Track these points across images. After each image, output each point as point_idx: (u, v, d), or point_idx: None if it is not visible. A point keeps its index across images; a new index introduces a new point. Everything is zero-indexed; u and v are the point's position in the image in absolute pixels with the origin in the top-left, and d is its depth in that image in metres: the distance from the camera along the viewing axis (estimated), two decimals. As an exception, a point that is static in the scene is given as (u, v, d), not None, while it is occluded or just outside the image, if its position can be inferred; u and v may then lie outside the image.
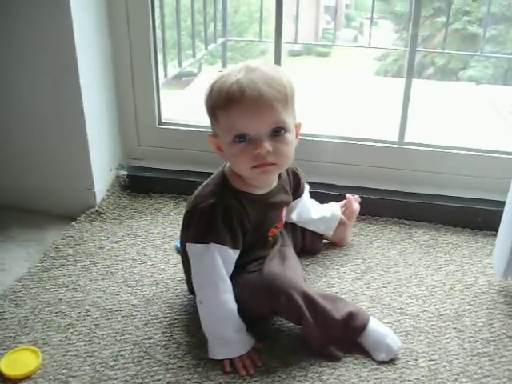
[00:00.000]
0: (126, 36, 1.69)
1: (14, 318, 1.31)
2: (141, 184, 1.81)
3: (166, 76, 2.11)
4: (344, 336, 1.23)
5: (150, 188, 1.81)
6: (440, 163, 1.72)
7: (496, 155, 1.70)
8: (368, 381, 1.17)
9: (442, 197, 1.69)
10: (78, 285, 1.42)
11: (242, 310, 1.23)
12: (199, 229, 1.19)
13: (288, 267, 1.28)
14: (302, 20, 2.42)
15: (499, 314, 1.37)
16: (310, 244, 1.55)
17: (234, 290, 1.23)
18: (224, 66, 2.79)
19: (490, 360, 1.24)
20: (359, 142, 1.76)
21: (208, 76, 2.83)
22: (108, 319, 1.31)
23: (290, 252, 1.39)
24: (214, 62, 2.79)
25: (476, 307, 1.39)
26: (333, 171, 1.76)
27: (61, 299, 1.37)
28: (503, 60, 4.87)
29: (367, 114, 2.59)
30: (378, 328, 1.25)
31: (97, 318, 1.31)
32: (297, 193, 1.41)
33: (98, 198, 1.72)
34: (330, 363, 1.20)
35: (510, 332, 1.31)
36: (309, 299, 1.20)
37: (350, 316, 1.23)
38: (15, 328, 1.28)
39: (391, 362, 1.21)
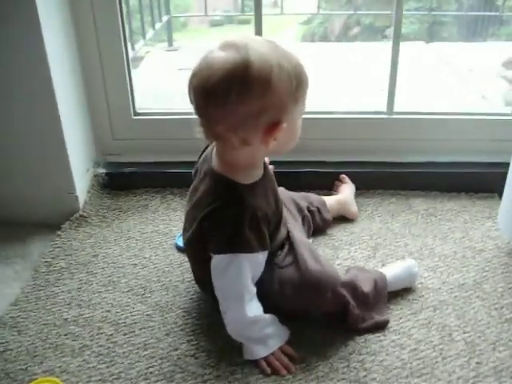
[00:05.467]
0: (92, 26, 1.55)
1: (20, 347, 1.18)
2: (121, 181, 1.68)
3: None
4: (377, 301, 1.25)
5: (131, 184, 1.69)
6: (428, 130, 1.70)
7: (483, 117, 1.70)
8: (411, 362, 1.15)
9: (434, 164, 1.67)
10: (82, 300, 1.30)
11: (281, 307, 1.19)
12: (224, 239, 1.10)
13: (322, 259, 1.23)
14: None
15: (515, 277, 1.38)
16: (320, 220, 1.50)
17: (269, 286, 1.18)
18: (170, 44, 2.66)
19: (520, 325, 1.24)
20: (345, 116, 1.71)
21: (157, 57, 2.68)
22: (125, 334, 1.21)
23: (307, 239, 1.35)
24: (163, 41, 2.67)
25: (492, 273, 1.39)
26: (323, 148, 1.70)
27: (66, 319, 1.25)
28: (428, 15, 4.88)
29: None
30: (394, 273, 1.31)
31: (112, 334, 1.21)
32: None
33: (80, 202, 1.59)
34: (369, 349, 1.17)
35: (530, 294, 1.33)
36: (350, 286, 1.21)
37: (375, 284, 1.26)
38: (25, 358, 1.15)
39: (428, 339, 1.19)
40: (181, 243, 1.42)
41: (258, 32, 1.60)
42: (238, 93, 0.98)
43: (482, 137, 1.68)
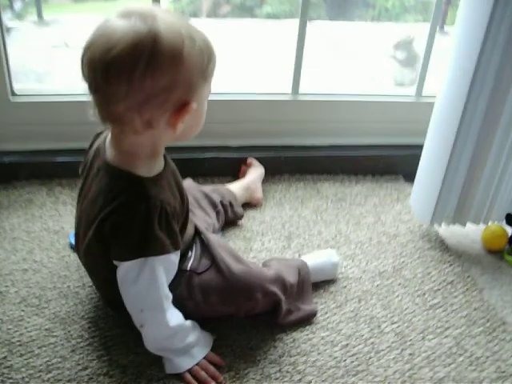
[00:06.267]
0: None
1: None
2: (0, 172, 1.45)
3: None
4: (302, 291, 1.20)
5: (11, 175, 1.46)
6: (333, 112, 1.63)
7: (385, 99, 1.67)
8: (345, 360, 1.09)
9: (339, 147, 1.63)
10: (-37, 317, 1.10)
11: (204, 316, 1.08)
12: (132, 242, 0.94)
13: (242, 259, 1.13)
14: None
15: (431, 261, 1.37)
16: (231, 214, 1.39)
17: (189, 296, 1.06)
18: (40, 17, 2.38)
19: (443, 311, 1.22)
20: (247, 98, 1.59)
21: (27, 32, 2.39)
22: (21, 355, 1.02)
23: (221, 238, 1.24)
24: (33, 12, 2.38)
25: (409, 258, 1.37)
26: (224, 132, 1.58)
27: None
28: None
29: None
30: (315, 262, 1.25)
31: (5, 357, 1.02)
32: None
33: (-50, 199, 1.34)
34: (299, 350, 1.09)
35: (449, 277, 1.32)
36: (278, 281, 1.13)
37: (299, 273, 1.20)
38: None
39: (358, 334, 1.14)
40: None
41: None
42: (145, 66, 0.83)
43: (385, 118, 1.65)
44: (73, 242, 1.27)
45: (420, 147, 1.44)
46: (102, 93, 0.87)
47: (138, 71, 0.83)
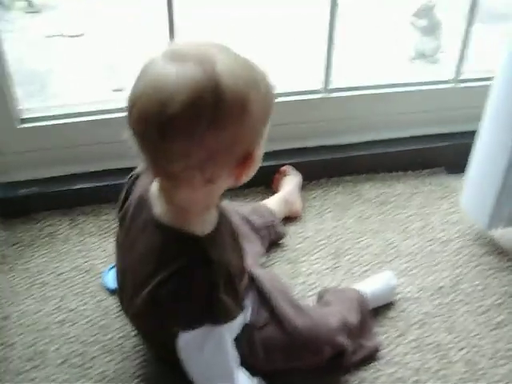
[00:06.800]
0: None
1: None
2: (15, 205, 1.32)
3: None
4: (363, 326, 1.10)
5: (29, 208, 1.32)
6: (367, 106, 1.49)
7: (422, 87, 1.52)
8: (417, 401, 1.02)
9: (376, 142, 1.50)
10: None
11: (265, 371, 0.99)
12: (196, 310, 0.83)
13: (304, 307, 1.05)
14: None
15: (489, 269, 1.28)
16: (274, 235, 1.28)
17: (250, 352, 0.97)
18: (30, 4, 2.21)
19: (510, 329, 1.15)
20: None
21: (18, 22, 2.20)
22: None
23: (276, 277, 1.14)
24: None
25: (465, 267, 1.28)
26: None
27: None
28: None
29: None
30: (373, 288, 1.17)
31: (56, 433, 0.94)
32: None
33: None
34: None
35: (510, 288, 1.24)
36: (345, 329, 1.04)
37: (360, 309, 1.11)
38: None
39: (426, 366, 1.07)
40: (111, 284, 1.16)
41: None
42: (208, 122, 0.72)
43: (420, 108, 1.52)
44: (108, 284, 1.17)
45: (461, 135, 1.33)
46: (156, 150, 0.76)
47: (200, 128, 0.72)
